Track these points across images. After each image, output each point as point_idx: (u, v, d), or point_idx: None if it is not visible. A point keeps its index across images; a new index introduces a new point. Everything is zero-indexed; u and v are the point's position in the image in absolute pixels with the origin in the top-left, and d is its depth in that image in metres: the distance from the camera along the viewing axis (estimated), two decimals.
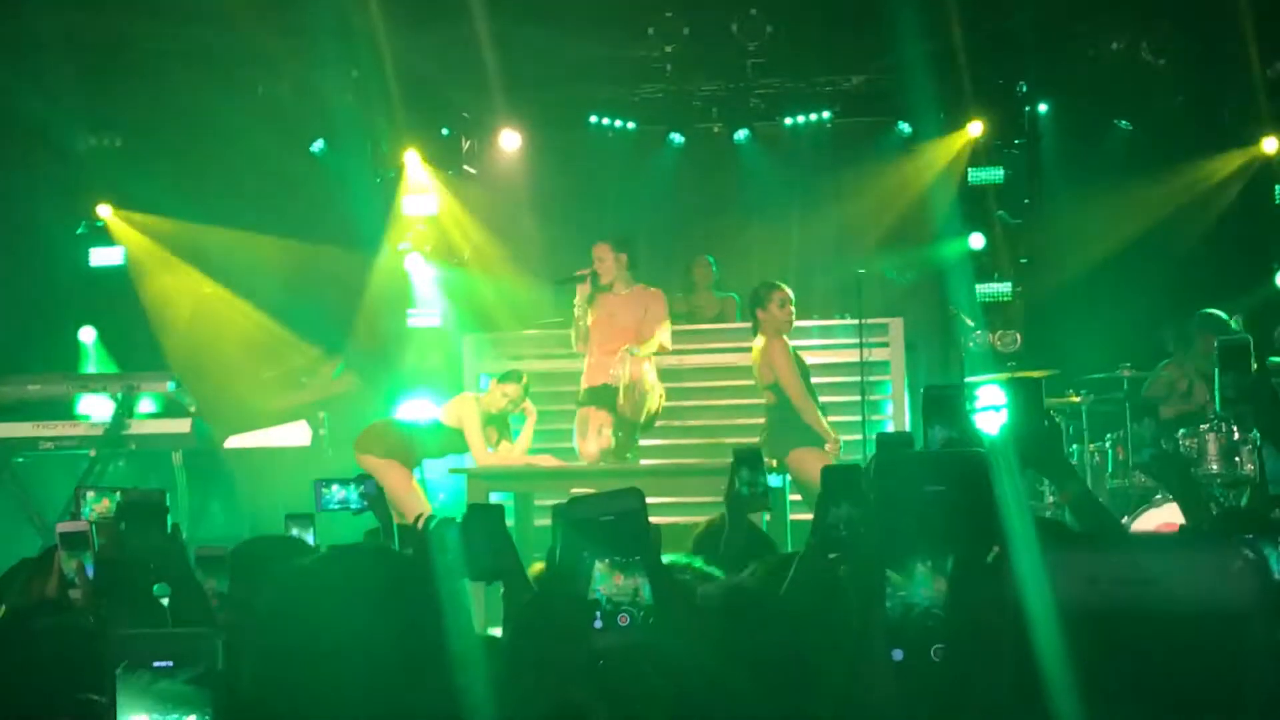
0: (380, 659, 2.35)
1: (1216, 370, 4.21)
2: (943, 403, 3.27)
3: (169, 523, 3.88)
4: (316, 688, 2.38)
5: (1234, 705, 1.22)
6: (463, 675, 2.37)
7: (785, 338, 9.77)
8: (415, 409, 11.71)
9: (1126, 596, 1.24)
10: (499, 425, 10.30)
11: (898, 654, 1.72)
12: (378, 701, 2.34)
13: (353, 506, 5.44)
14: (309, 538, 5.07)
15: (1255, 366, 4.17)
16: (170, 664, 1.91)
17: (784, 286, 9.86)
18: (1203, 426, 9.49)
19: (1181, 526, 3.51)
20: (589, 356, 10.09)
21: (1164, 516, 9.02)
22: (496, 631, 3.56)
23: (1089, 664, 1.24)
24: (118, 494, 4.62)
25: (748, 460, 4.41)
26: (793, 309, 9.81)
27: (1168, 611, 1.23)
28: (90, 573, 3.62)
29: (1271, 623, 1.22)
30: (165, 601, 3.64)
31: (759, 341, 9.81)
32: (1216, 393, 4.19)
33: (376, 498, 5.47)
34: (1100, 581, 1.24)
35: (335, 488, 5.51)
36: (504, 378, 10.36)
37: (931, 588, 1.67)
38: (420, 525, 4.66)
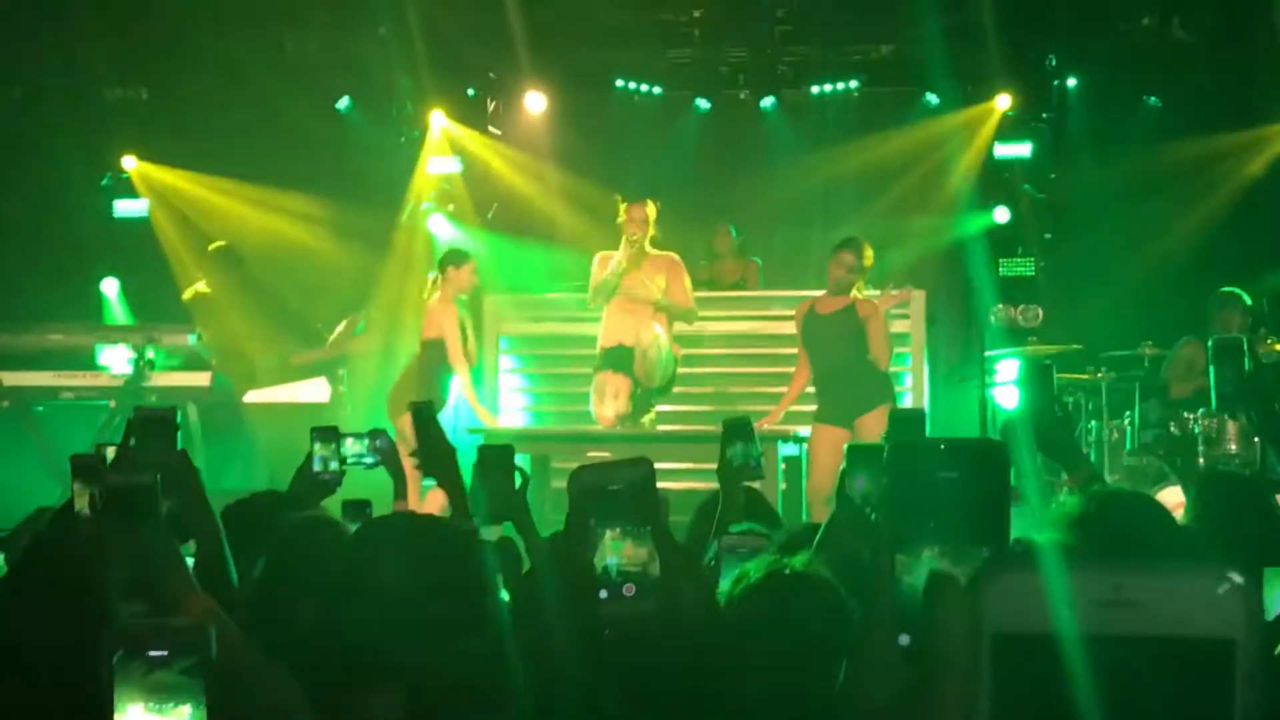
0: (417, 620, 2.41)
1: (1210, 368, 4.21)
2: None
3: (179, 440, 3.84)
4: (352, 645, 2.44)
5: None
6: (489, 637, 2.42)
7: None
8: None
9: (1107, 619, 1.21)
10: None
11: (904, 639, 1.72)
12: (413, 659, 2.40)
13: (366, 461, 5.35)
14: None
15: (1250, 364, 4.16)
16: (165, 653, 1.93)
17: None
18: None
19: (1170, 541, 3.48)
20: (605, 320, 10.09)
21: (1180, 496, 9.00)
22: None
23: (1069, 690, 1.22)
24: None
25: (739, 431, 4.38)
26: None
27: (1151, 636, 1.21)
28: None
29: (1257, 648, 1.20)
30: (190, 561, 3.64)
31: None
32: (1212, 389, 4.20)
33: (389, 453, 5.40)
34: (1080, 604, 1.22)
35: (350, 441, 5.41)
36: (456, 259, 10.34)
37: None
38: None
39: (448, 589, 2.46)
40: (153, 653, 1.93)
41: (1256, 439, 9.17)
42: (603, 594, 2.10)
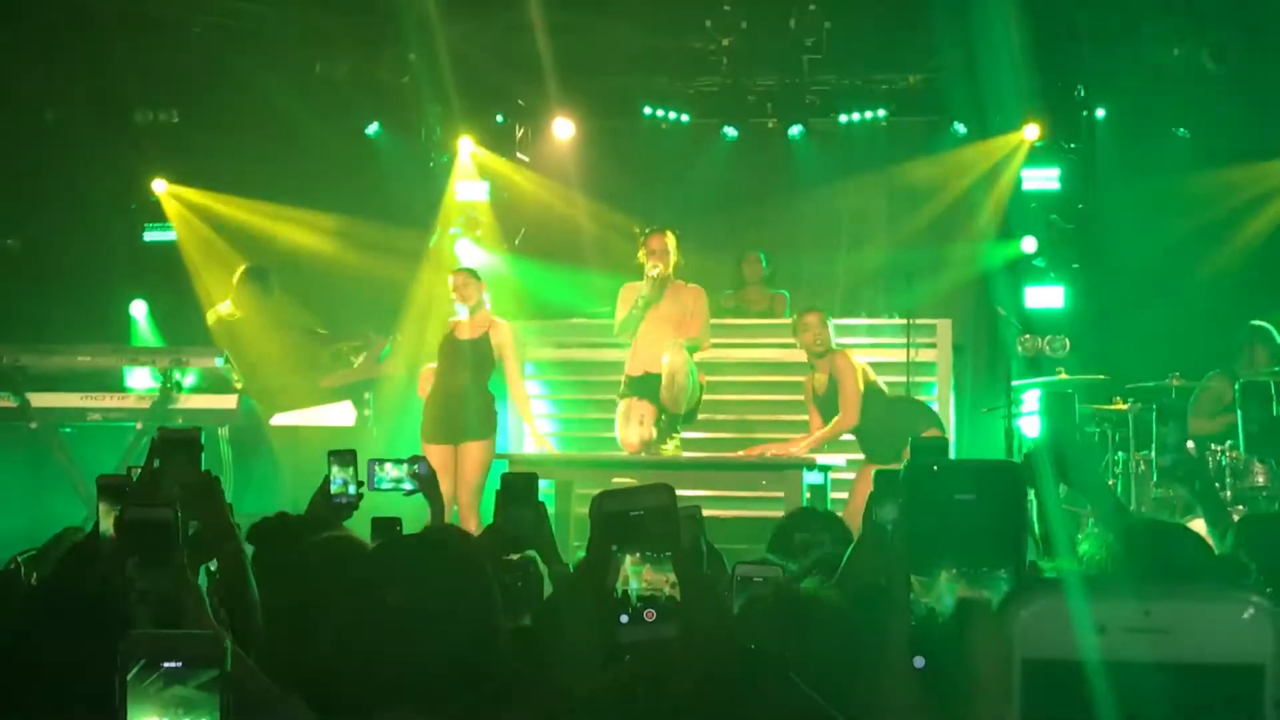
0: (429, 638, 2.42)
1: (1238, 409, 4.22)
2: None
3: (202, 461, 3.85)
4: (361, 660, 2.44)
5: None
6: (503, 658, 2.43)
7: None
8: None
9: (1136, 646, 1.22)
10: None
11: (919, 661, 1.72)
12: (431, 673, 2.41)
13: (405, 487, 5.38)
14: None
15: (1277, 408, 4.17)
16: (180, 664, 1.93)
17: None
18: None
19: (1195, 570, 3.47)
20: (633, 348, 10.09)
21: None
22: None
23: (1099, 716, 1.22)
24: None
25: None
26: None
27: (1179, 662, 1.22)
28: None
29: None
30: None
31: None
32: (1240, 431, 4.21)
33: (428, 479, 5.42)
34: (1109, 630, 1.22)
35: (389, 467, 5.43)
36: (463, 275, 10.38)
37: (955, 596, 1.67)
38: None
39: (459, 607, 2.47)
40: (167, 664, 1.94)
41: None
42: (623, 618, 2.12)
